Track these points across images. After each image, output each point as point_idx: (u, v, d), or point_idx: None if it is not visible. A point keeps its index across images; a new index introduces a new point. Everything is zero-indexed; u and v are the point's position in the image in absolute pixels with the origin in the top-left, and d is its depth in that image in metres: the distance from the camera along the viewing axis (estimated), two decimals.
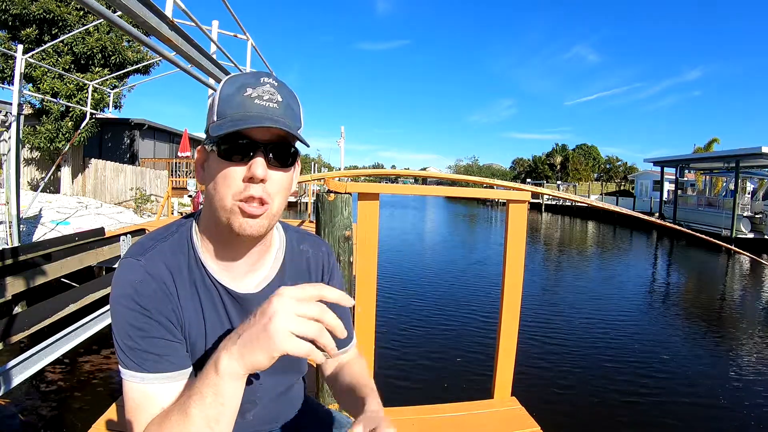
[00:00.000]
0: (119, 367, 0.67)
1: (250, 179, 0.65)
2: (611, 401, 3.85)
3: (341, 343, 0.90)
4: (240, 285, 0.76)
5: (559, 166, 52.54)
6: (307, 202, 17.64)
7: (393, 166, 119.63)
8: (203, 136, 0.75)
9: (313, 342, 0.54)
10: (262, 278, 0.79)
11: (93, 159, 14.91)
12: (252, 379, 0.75)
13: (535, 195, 3.38)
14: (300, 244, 0.86)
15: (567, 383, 4.13)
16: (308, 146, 0.70)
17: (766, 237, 15.34)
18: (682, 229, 2.49)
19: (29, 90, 10.81)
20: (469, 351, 4.83)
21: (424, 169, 54.16)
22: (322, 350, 0.55)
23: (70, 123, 11.92)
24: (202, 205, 0.77)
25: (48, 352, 2.94)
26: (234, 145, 0.65)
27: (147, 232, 6.40)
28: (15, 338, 3.21)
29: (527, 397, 1.95)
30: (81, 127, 10.11)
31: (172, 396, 0.65)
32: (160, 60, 10.35)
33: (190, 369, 0.71)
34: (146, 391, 0.65)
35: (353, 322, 1.55)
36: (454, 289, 7.73)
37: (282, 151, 0.68)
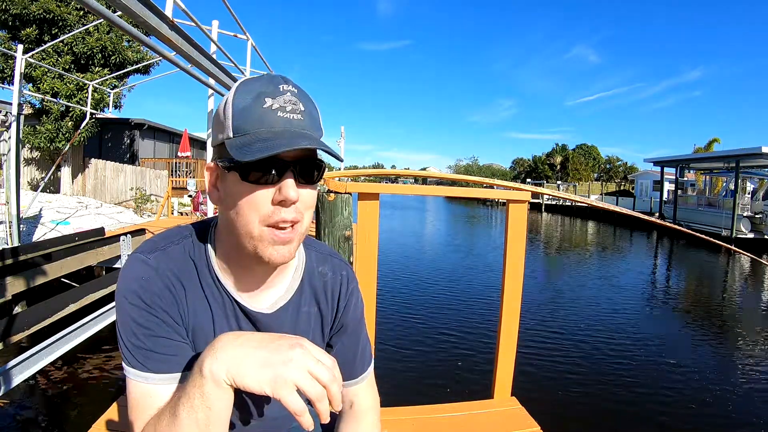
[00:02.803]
0: (123, 364, 0.65)
1: (281, 202, 0.60)
2: (612, 401, 3.85)
3: (355, 372, 0.83)
4: (253, 302, 0.72)
5: (559, 166, 52.51)
6: None
7: (393, 166, 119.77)
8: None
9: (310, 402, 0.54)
10: (277, 298, 0.74)
11: (93, 159, 14.90)
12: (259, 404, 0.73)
13: (535, 195, 3.38)
14: (319, 266, 0.80)
15: (567, 383, 4.13)
16: (341, 160, 0.64)
17: (766, 237, 15.32)
18: (682, 229, 2.49)
19: (29, 90, 10.80)
20: (469, 351, 4.83)
21: (424, 169, 54.13)
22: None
23: (70, 123, 11.93)
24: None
25: (48, 352, 2.93)
26: (260, 167, 0.59)
27: (147, 232, 6.42)
28: (15, 338, 3.22)
29: (527, 397, 1.95)
30: (81, 127, 10.14)
31: None
32: (160, 60, 10.36)
33: None
34: (150, 391, 0.63)
35: None
36: (454, 290, 7.73)
37: (310, 167, 0.63)
